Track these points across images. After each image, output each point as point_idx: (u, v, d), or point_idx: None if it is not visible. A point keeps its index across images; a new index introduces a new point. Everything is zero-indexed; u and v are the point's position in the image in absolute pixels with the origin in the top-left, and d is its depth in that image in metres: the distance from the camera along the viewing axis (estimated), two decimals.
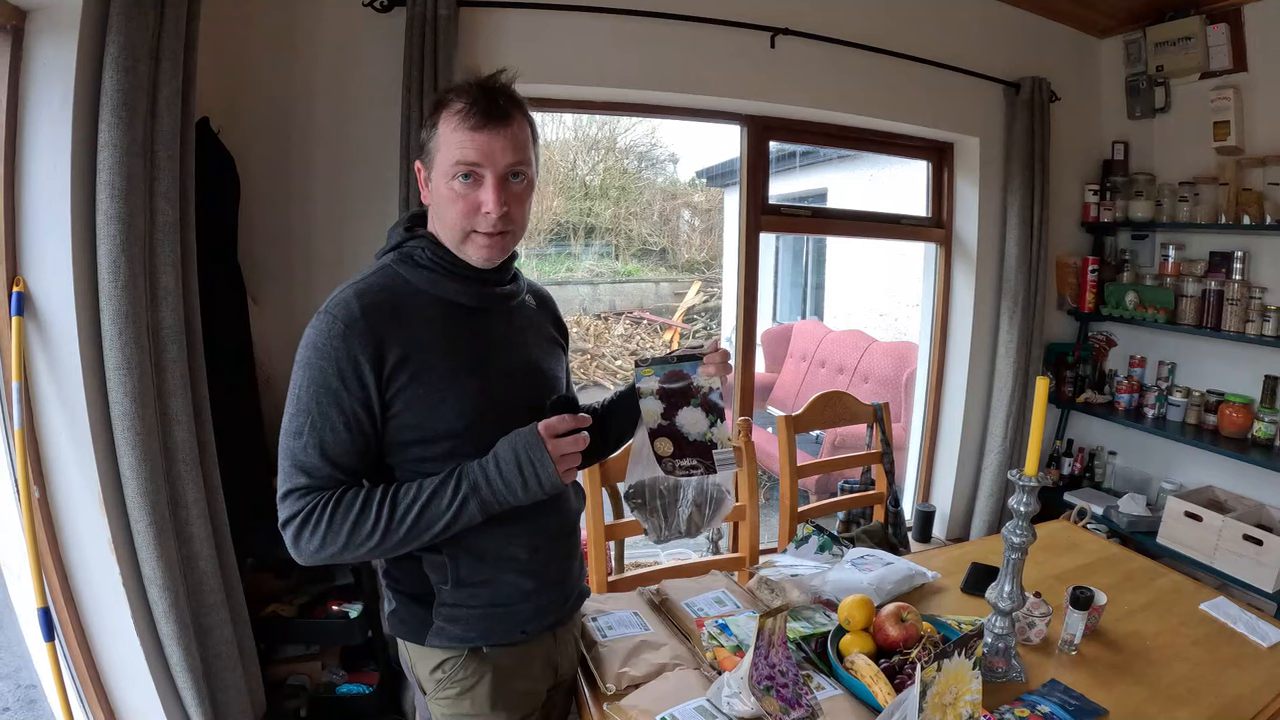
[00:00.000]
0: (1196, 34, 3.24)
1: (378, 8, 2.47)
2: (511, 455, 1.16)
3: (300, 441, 1.15)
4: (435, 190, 1.23)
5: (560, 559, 1.40)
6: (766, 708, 1.32)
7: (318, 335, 1.15)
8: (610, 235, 14.49)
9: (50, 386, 1.82)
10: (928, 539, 3.65)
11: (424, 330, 1.20)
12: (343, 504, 1.15)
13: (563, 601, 1.42)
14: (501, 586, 1.30)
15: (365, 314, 1.16)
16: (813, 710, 1.36)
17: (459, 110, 1.17)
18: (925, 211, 3.78)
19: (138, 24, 1.77)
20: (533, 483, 1.16)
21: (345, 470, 1.18)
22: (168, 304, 1.91)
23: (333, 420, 1.15)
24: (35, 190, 1.78)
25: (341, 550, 1.15)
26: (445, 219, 1.22)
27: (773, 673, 1.38)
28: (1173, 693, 1.53)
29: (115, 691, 2.01)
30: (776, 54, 2.94)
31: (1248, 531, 2.83)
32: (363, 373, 1.14)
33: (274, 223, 2.52)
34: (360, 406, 1.16)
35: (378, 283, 1.22)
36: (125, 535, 1.90)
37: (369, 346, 1.15)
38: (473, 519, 1.18)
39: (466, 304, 1.26)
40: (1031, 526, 1.53)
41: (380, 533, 1.14)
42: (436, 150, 1.20)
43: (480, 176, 1.19)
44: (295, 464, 1.16)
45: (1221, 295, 3.20)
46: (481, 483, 1.16)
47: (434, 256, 1.24)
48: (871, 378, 5.66)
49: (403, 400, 1.18)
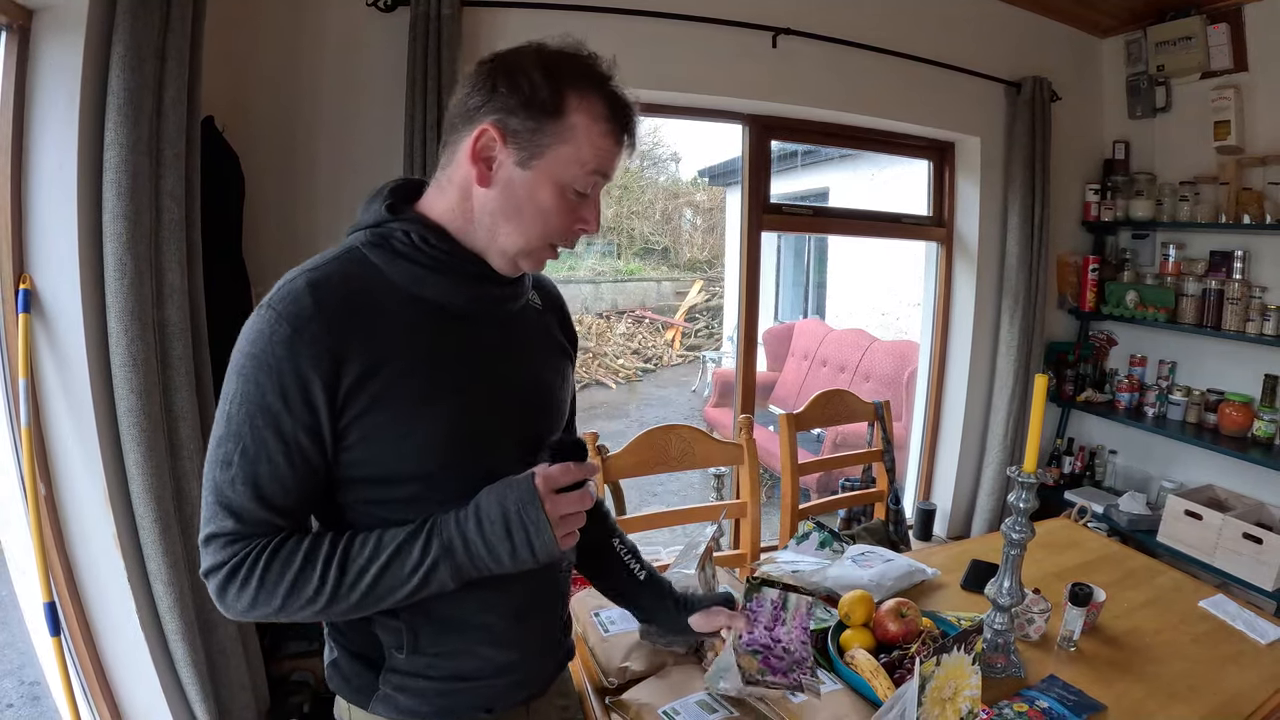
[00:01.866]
0: (1197, 34, 3.25)
1: (381, 7, 2.49)
2: (499, 514, 0.92)
3: (228, 474, 0.89)
4: (527, 185, 0.96)
5: (547, 624, 1.16)
6: (743, 664, 1.32)
7: (257, 338, 0.89)
8: (612, 234, 14.52)
9: (56, 383, 1.83)
10: (929, 537, 3.66)
11: (395, 339, 0.93)
12: (279, 558, 0.89)
13: (544, 672, 1.18)
14: (469, 659, 1.05)
15: (320, 313, 0.89)
16: (798, 686, 1.33)
17: (606, 115, 0.98)
18: (926, 211, 3.79)
19: (144, 23, 1.78)
20: (523, 550, 0.92)
21: (283, 513, 0.92)
22: (173, 301, 1.92)
23: (270, 450, 0.89)
24: (42, 188, 1.79)
25: (277, 613, 0.91)
26: (526, 222, 0.97)
27: (771, 644, 1.36)
28: (1172, 689, 1.53)
29: (120, 687, 2.02)
30: (778, 54, 2.95)
31: (1248, 530, 2.84)
32: (311, 392, 0.88)
33: (278, 220, 2.52)
34: (306, 434, 0.90)
35: (339, 271, 0.94)
36: (130, 531, 1.92)
37: (322, 358, 0.88)
38: (444, 586, 0.93)
39: (453, 307, 0.99)
40: (1030, 523, 1.54)
41: (325, 598, 0.90)
42: (560, 143, 0.94)
43: (596, 189, 1.00)
44: (222, 502, 0.90)
45: (1222, 294, 3.21)
46: (458, 545, 0.91)
47: (426, 245, 0.97)
48: (873, 376, 5.66)
49: (360, 429, 0.92)
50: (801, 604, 1.37)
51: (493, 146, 0.94)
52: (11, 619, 2.03)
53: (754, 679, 1.33)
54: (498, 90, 0.94)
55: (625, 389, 9.58)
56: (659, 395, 9.29)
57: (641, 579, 1.34)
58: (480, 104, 0.94)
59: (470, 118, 0.95)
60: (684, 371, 10.46)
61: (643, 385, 9.89)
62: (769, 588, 1.37)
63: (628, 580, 1.35)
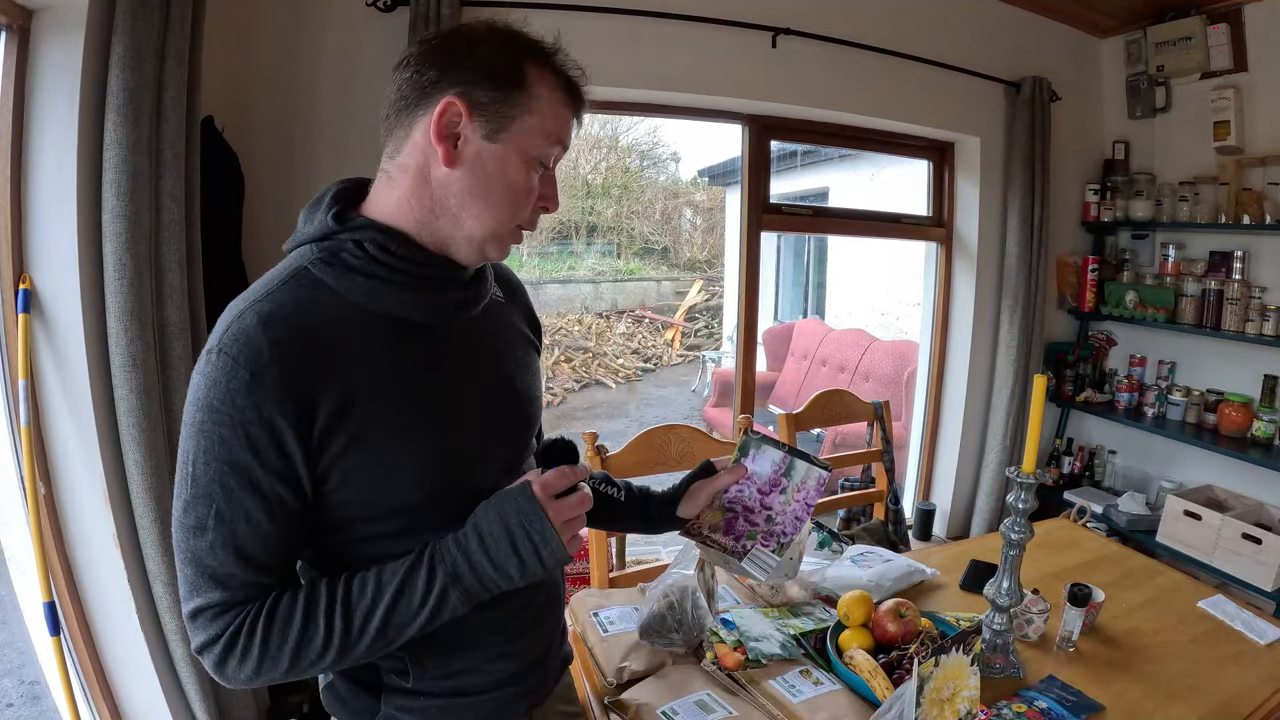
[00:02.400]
0: (1197, 34, 3.25)
1: (381, 7, 2.49)
2: (501, 529, 0.88)
3: (205, 540, 0.82)
4: (492, 162, 0.90)
5: (545, 636, 1.13)
6: (704, 515, 1.27)
7: (212, 388, 0.80)
8: (612, 234, 14.53)
9: (56, 384, 1.83)
10: (928, 537, 3.66)
11: (362, 368, 0.87)
12: (276, 620, 0.84)
13: (541, 684, 1.15)
14: (471, 676, 1.03)
15: (278, 354, 0.81)
16: (744, 551, 1.23)
17: (562, 85, 0.93)
18: (926, 211, 3.79)
19: (143, 23, 1.78)
20: (531, 561, 0.88)
21: (270, 572, 0.86)
22: (173, 301, 1.92)
23: (247, 508, 0.82)
24: (41, 188, 1.79)
25: (285, 675, 0.85)
26: (492, 202, 0.92)
27: (754, 508, 1.26)
28: (1170, 689, 1.53)
29: (119, 686, 2.02)
30: (778, 54, 2.95)
31: (1247, 530, 2.84)
32: (283, 439, 0.82)
33: (278, 221, 2.52)
34: (282, 484, 0.83)
35: (291, 300, 0.86)
36: (130, 531, 1.92)
37: (289, 401, 0.81)
38: (455, 613, 0.89)
39: (416, 320, 0.93)
40: (1029, 523, 1.54)
41: (336, 650, 0.85)
42: (526, 113, 0.90)
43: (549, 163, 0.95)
44: (203, 572, 0.83)
45: (1221, 295, 3.21)
46: (464, 568, 0.87)
47: (378, 252, 0.89)
48: (872, 376, 5.66)
49: (340, 471, 0.86)
50: (811, 476, 1.24)
51: (458, 121, 0.88)
52: (11, 618, 2.03)
53: (697, 530, 1.27)
54: (458, 63, 0.88)
55: (625, 389, 9.58)
56: (659, 395, 9.29)
57: (622, 500, 1.30)
58: (437, 78, 0.88)
59: (427, 93, 0.89)
60: (684, 371, 10.47)
61: (642, 385, 9.89)
62: (772, 446, 1.27)
63: (612, 509, 1.30)
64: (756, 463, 1.27)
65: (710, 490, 1.25)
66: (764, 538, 1.24)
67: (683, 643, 1.53)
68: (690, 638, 1.53)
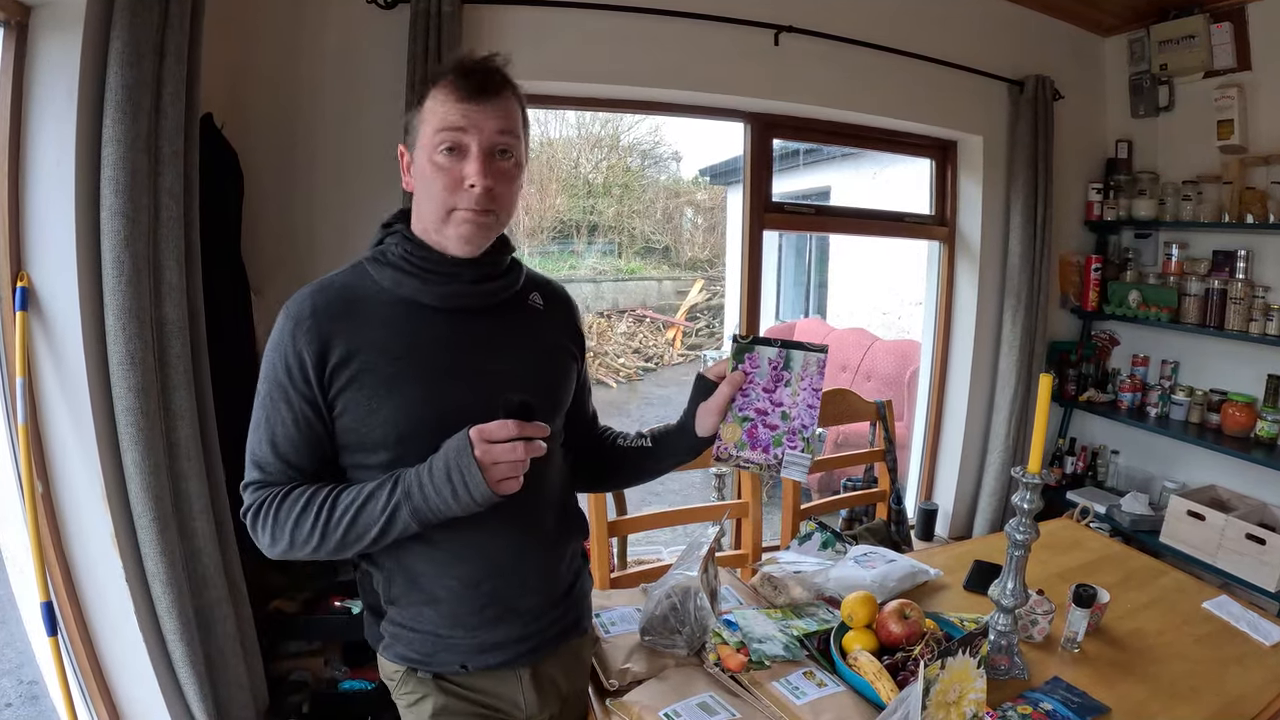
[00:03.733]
0: (1200, 32, 3.24)
1: (381, 4, 2.48)
2: (443, 463, 1.06)
3: (257, 435, 1.15)
4: (417, 169, 1.16)
5: (514, 598, 1.24)
6: (725, 434, 1.28)
7: (276, 331, 1.14)
8: (613, 233, 14.52)
9: (54, 382, 1.82)
10: (930, 537, 3.65)
11: (375, 331, 1.13)
12: (288, 501, 1.11)
13: (516, 643, 1.26)
14: (441, 616, 1.21)
15: (315, 312, 1.12)
16: (776, 466, 1.27)
17: (447, 83, 1.12)
18: (929, 209, 3.78)
19: (142, 19, 1.77)
20: (462, 492, 1.05)
21: (296, 467, 1.15)
22: (171, 299, 1.91)
23: (283, 415, 1.12)
24: (39, 185, 1.78)
25: (289, 548, 1.12)
26: (427, 197, 1.15)
27: (769, 409, 1.28)
28: (1175, 690, 1.53)
29: (117, 686, 2.02)
30: (780, 52, 2.94)
31: (1250, 531, 2.83)
32: (307, 370, 1.10)
33: (277, 218, 2.52)
34: (307, 404, 1.12)
35: (341, 280, 1.18)
36: (128, 530, 1.91)
37: (314, 344, 1.10)
38: (407, 528, 1.09)
39: (431, 304, 1.17)
40: (1035, 523, 1.53)
41: (319, 535, 1.09)
42: (420, 125, 1.14)
43: (465, 148, 1.11)
44: (252, 457, 1.16)
45: (1225, 294, 3.20)
46: (415, 489, 1.07)
47: (404, 252, 1.17)
48: (875, 376, 5.66)
49: (342, 402, 1.12)
50: (810, 362, 1.28)
51: (403, 151, 1.21)
52: (9, 618, 2.02)
53: (728, 454, 1.29)
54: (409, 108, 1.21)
55: (626, 388, 9.58)
56: (660, 394, 9.29)
57: (650, 446, 1.40)
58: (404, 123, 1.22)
59: None
60: (685, 371, 10.47)
61: (643, 384, 9.89)
62: (763, 344, 1.28)
63: (642, 456, 1.41)
64: (754, 364, 1.28)
65: (718, 405, 1.28)
66: (788, 438, 1.28)
67: (685, 644, 1.53)
68: (693, 639, 1.52)
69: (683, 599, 1.52)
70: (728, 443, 1.29)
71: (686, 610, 1.51)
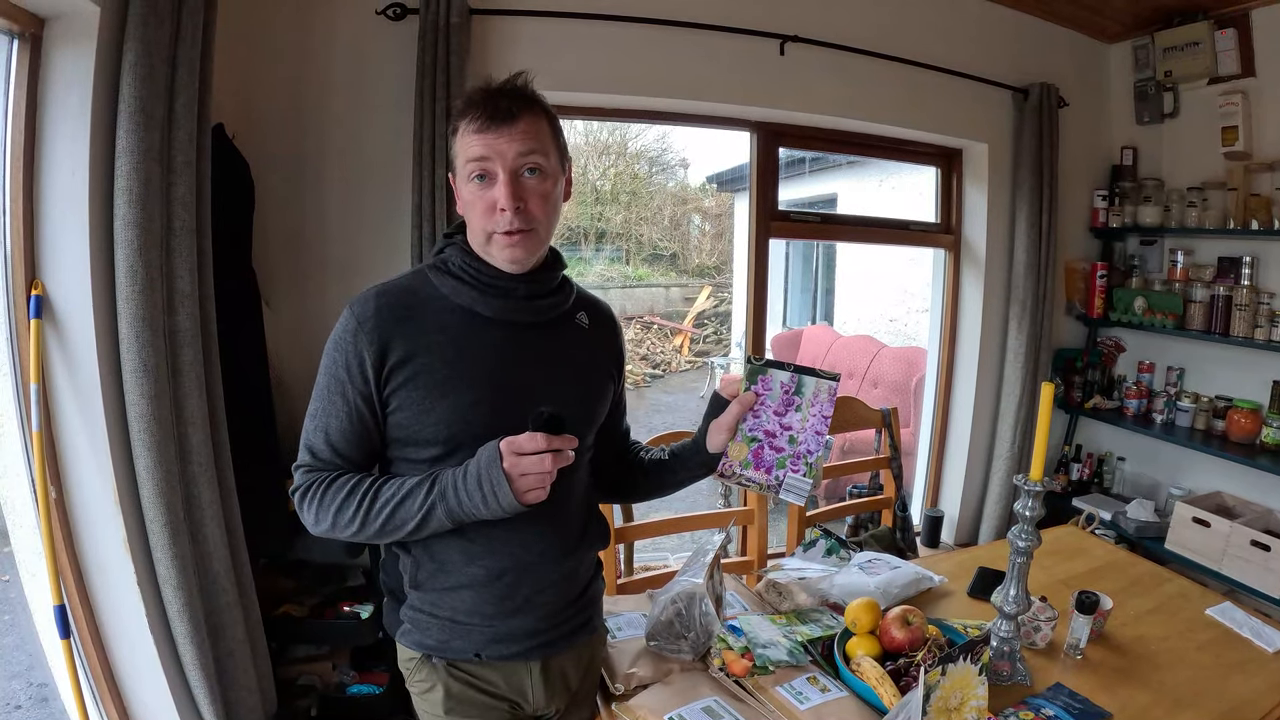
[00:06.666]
0: (1204, 39, 3.24)
1: (390, 16, 2.50)
2: (475, 469, 1.14)
3: (313, 424, 1.23)
4: (460, 197, 1.24)
5: (532, 593, 1.30)
6: (732, 452, 1.33)
7: (339, 328, 1.21)
8: (621, 240, 14.54)
9: (68, 389, 1.84)
10: (936, 544, 3.65)
11: (433, 336, 1.21)
12: (334, 487, 1.20)
13: (529, 636, 1.31)
14: (461, 603, 1.27)
15: (378, 313, 1.19)
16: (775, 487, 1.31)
17: (468, 114, 1.19)
18: (934, 217, 3.78)
19: (155, 32, 1.79)
20: (491, 500, 1.12)
21: (345, 457, 1.23)
22: (184, 308, 1.93)
23: (338, 409, 1.20)
24: (54, 196, 1.80)
25: (330, 529, 1.21)
26: (470, 224, 1.24)
27: (777, 431, 1.31)
28: (1177, 697, 1.53)
29: (128, 689, 2.03)
30: (786, 61, 2.96)
31: (1256, 537, 2.82)
32: (366, 368, 1.18)
33: (288, 228, 2.54)
34: (362, 400, 1.20)
35: (403, 284, 1.26)
36: (140, 535, 1.93)
37: (375, 344, 1.18)
38: (441, 525, 1.18)
39: (486, 314, 1.24)
40: (1036, 531, 1.54)
41: (359, 522, 1.18)
42: (455, 157, 1.23)
43: (493, 175, 1.17)
44: (306, 443, 1.24)
45: (1230, 300, 3.19)
46: (450, 491, 1.15)
47: (462, 264, 1.25)
48: (881, 383, 5.66)
49: (398, 400, 1.20)
50: (822, 389, 1.30)
51: (452, 179, 1.26)
52: (21, 621, 2.04)
53: (732, 471, 1.33)
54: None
55: (633, 395, 9.56)
56: (667, 401, 9.30)
57: (666, 459, 1.47)
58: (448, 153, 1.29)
59: None
60: (692, 377, 10.47)
61: (651, 391, 9.90)
62: (776, 368, 1.32)
63: (660, 469, 1.48)
64: (766, 386, 1.32)
65: (728, 423, 1.34)
66: (792, 462, 1.31)
67: (690, 649, 1.54)
68: (698, 644, 1.54)
69: (688, 604, 1.53)
70: (733, 460, 1.33)
71: (692, 616, 1.53)
